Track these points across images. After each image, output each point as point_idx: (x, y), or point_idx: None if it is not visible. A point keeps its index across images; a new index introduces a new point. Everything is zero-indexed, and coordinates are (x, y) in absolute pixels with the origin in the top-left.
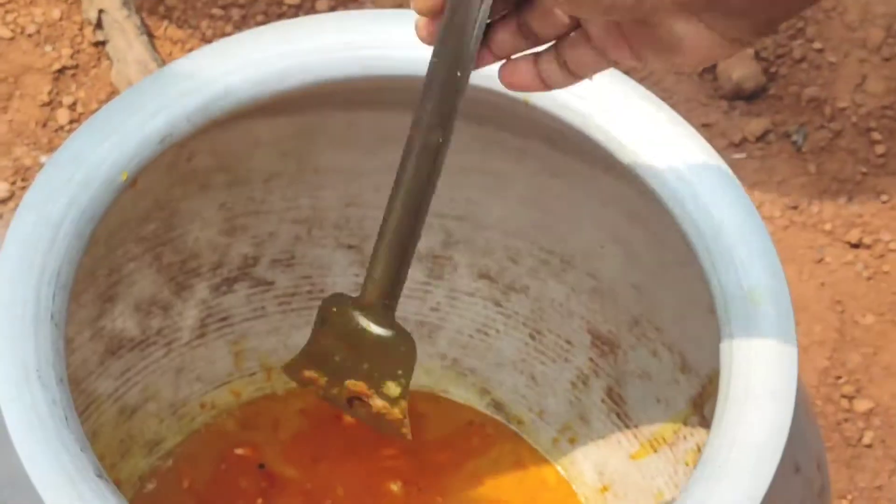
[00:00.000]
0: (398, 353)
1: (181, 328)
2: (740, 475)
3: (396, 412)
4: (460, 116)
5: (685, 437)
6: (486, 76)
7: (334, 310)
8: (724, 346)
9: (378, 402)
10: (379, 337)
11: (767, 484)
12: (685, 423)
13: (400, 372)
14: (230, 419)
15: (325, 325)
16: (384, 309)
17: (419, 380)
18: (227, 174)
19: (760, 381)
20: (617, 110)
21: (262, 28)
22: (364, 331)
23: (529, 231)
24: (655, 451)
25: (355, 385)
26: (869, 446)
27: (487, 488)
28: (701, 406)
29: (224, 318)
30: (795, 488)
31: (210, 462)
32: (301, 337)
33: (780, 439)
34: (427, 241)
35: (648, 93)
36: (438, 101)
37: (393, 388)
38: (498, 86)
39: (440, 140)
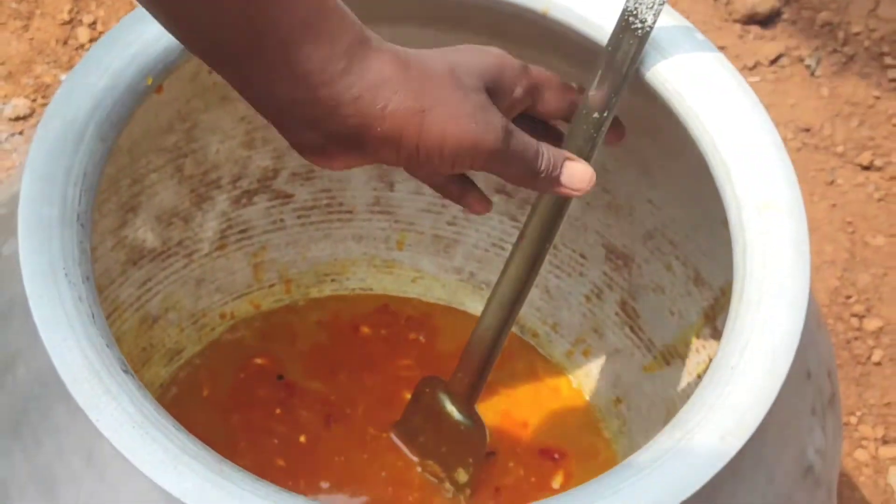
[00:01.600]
0: (472, 442)
1: (201, 239)
2: (753, 377)
3: (461, 499)
4: (482, 31)
5: (697, 350)
6: None
7: (427, 390)
8: (738, 253)
9: (447, 486)
10: (459, 423)
11: (779, 386)
12: (697, 336)
13: (471, 460)
14: (249, 330)
15: (417, 402)
16: (468, 399)
17: (436, 292)
18: None
19: (774, 287)
20: None
21: None
22: (448, 414)
23: None
24: (668, 363)
25: (432, 467)
26: (878, 364)
27: (502, 399)
28: (713, 318)
29: (244, 231)
30: (807, 394)
31: (229, 371)
32: (319, 250)
33: (793, 343)
34: None
35: (670, 9)
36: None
37: (462, 475)
38: None
39: (539, 252)
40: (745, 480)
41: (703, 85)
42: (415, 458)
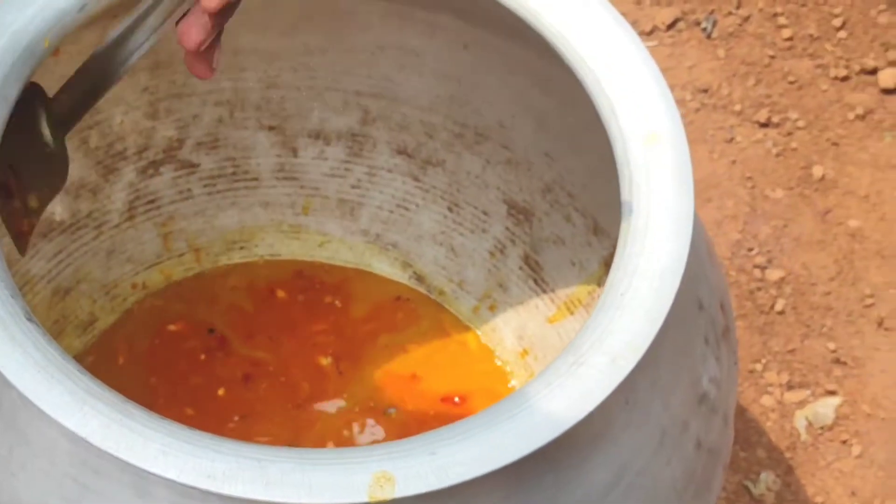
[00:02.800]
0: (52, 170)
1: (110, 211)
2: (641, 303)
3: (25, 223)
4: None
5: (599, 298)
6: None
7: (32, 100)
8: (624, 185)
9: (16, 205)
10: (45, 144)
11: (667, 310)
12: (599, 284)
13: (46, 189)
14: (161, 299)
15: (29, 107)
16: (64, 124)
17: (343, 255)
18: (149, 57)
19: (659, 214)
20: None
21: None
22: (41, 132)
23: (444, 105)
24: (572, 313)
25: (9, 179)
26: (781, 313)
27: (413, 358)
28: None
29: (151, 201)
30: (699, 324)
31: (144, 338)
32: (227, 218)
33: (679, 268)
34: (345, 120)
35: None
36: None
37: (33, 201)
38: None
39: None
40: (639, 406)
41: (585, 28)
42: None
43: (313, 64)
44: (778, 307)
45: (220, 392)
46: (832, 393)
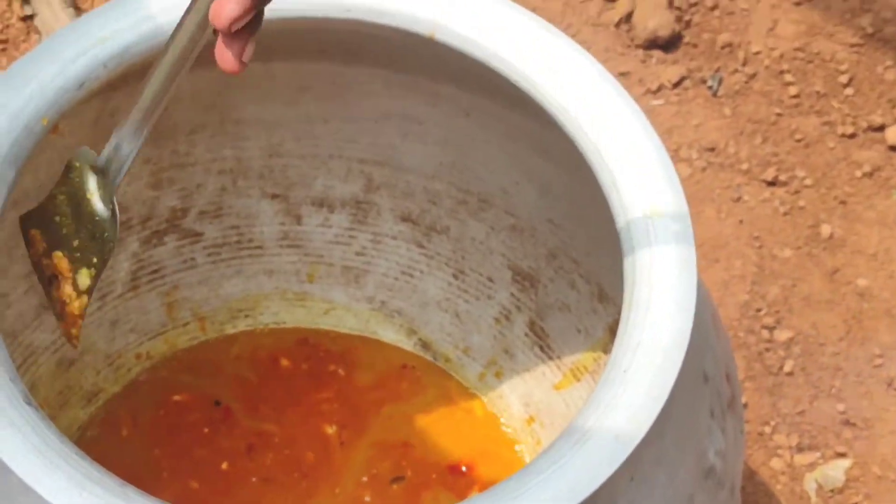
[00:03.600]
0: (102, 239)
1: (114, 281)
2: (644, 379)
3: (76, 306)
4: (377, 63)
5: (605, 365)
6: (392, 14)
7: (76, 164)
8: (627, 259)
9: (68, 290)
10: (95, 212)
11: (670, 387)
12: (605, 351)
13: (95, 260)
14: (166, 369)
15: (65, 178)
16: (112, 185)
17: (348, 322)
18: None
19: (662, 289)
20: (521, 44)
21: None
22: (89, 200)
23: (447, 172)
24: (578, 380)
25: (60, 260)
26: (790, 374)
27: (418, 427)
28: None
29: (155, 270)
30: (705, 397)
31: (148, 410)
32: (231, 286)
33: (683, 343)
34: (349, 187)
35: (550, 25)
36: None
37: (84, 278)
38: (405, 23)
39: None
40: (645, 481)
41: (585, 97)
42: (38, 251)
43: (316, 132)
44: (787, 368)
45: (225, 465)
46: (842, 455)
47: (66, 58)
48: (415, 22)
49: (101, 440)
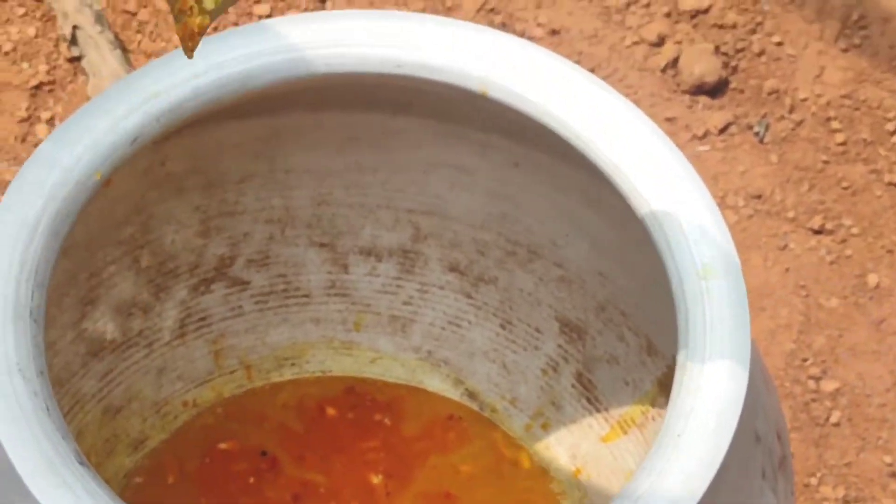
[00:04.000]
0: None
1: (161, 329)
2: (698, 444)
3: (196, 22)
4: (426, 115)
5: (653, 418)
6: (443, 70)
7: None
8: (681, 320)
9: (191, 1)
10: None
11: (724, 452)
12: (653, 405)
13: None
14: (213, 416)
15: None
16: None
17: (395, 372)
18: (201, 177)
19: (715, 352)
20: (572, 99)
21: (226, 32)
22: None
23: (495, 223)
24: (625, 432)
25: None
26: (836, 425)
27: (464, 478)
28: (667, 386)
29: (203, 318)
30: (756, 458)
31: (195, 457)
32: (278, 335)
33: (737, 407)
34: (397, 237)
35: (601, 81)
36: None
37: (209, 1)
38: (456, 80)
39: None
40: None
41: (637, 155)
42: None
43: (364, 182)
44: (833, 419)
45: None
46: None
47: (119, 114)
48: (466, 78)
49: (147, 488)
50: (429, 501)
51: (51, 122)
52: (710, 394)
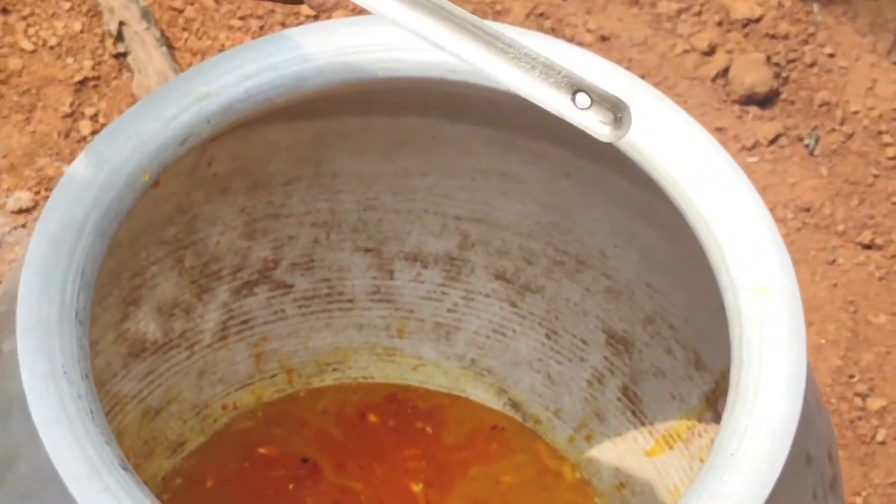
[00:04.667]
0: None
1: (203, 330)
2: (751, 464)
3: None
4: (477, 121)
5: (700, 434)
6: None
7: None
8: (735, 339)
9: None
10: None
11: (778, 473)
12: (699, 420)
13: None
14: (252, 420)
15: None
16: None
17: (437, 379)
18: (247, 178)
19: (771, 373)
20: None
21: (277, 34)
22: None
23: (544, 232)
24: (671, 447)
25: None
26: (882, 443)
27: (505, 488)
28: (715, 402)
29: (245, 321)
30: (807, 479)
31: (234, 462)
32: (320, 339)
33: (791, 429)
34: (444, 244)
35: (660, 93)
36: None
37: None
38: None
39: None
40: None
41: (696, 169)
42: None
43: (412, 187)
44: (879, 437)
45: None
46: None
47: (169, 114)
48: None
49: (185, 491)
50: None
51: (94, 118)
52: (764, 414)
